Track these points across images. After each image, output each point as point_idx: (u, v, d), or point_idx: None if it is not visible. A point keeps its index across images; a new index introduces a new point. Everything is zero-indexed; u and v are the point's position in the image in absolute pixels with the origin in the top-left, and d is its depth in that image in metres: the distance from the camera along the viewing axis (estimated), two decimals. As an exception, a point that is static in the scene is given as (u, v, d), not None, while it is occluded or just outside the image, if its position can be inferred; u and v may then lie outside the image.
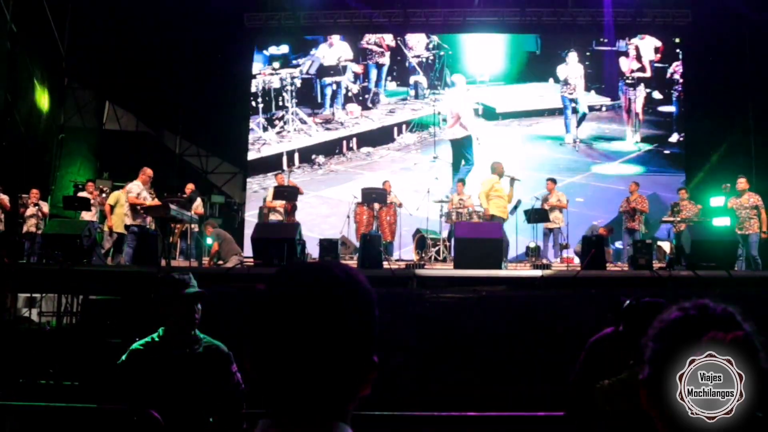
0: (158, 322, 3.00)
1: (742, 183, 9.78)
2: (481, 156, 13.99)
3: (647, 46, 14.55)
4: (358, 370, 0.95)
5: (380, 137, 14.93)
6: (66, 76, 13.29)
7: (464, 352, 5.83)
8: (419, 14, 14.67)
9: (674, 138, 14.28)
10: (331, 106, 15.14)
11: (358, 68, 15.15)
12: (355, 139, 14.98)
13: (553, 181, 11.50)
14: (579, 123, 14.45)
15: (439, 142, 14.55)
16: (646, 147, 14.27)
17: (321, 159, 14.80)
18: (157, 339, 3.00)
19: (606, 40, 14.63)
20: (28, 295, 8.27)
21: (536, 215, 10.15)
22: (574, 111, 14.48)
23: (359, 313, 0.96)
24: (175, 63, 14.38)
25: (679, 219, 10.32)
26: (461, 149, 14.42)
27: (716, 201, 11.00)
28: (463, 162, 14.35)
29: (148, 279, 6.28)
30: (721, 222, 9.93)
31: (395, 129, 14.95)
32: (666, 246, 11.36)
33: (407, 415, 3.79)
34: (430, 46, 15.04)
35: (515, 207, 10.40)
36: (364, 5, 14.52)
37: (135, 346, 3.00)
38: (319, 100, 15.21)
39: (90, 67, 13.74)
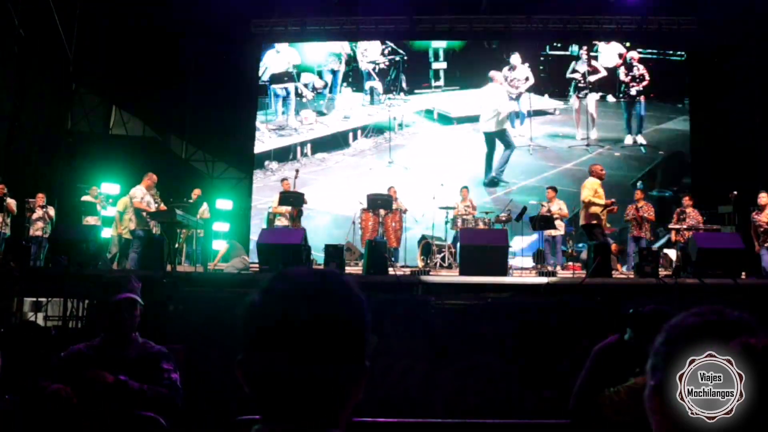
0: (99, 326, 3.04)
1: (764, 198, 9.33)
2: (437, 161, 14.18)
3: (611, 51, 14.70)
4: (350, 376, 0.95)
5: (335, 143, 14.97)
6: (73, 80, 13.34)
7: (469, 358, 5.82)
8: (426, 21, 14.72)
9: (629, 140, 14.41)
10: (284, 112, 15.20)
11: (320, 83, 15.22)
12: (309, 145, 15.03)
13: (554, 189, 11.38)
14: (522, 122, 14.59)
15: (394, 146, 14.62)
16: (599, 149, 14.35)
17: (274, 165, 14.79)
18: (97, 343, 3.04)
19: (559, 44, 14.75)
20: (34, 299, 8.29)
21: (542, 222, 10.13)
22: (517, 113, 14.60)
23: (351, 320, 0.96)
24: (182, 68, 14.45)
25: (685, 227, 10.26)
26: (502, 138, 14.46)
27: (725, 209, 10.93)
28: (503, 148, 14.38)
29: (154, 283, 6.29)
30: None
31: (351, 134, 15.00)
32: (672, 254, 11.31)
33: (412, 422, 3.78)
34: (386, 52, 15.14)
35: (521, 214, 10.39)
36: (372, 12, 14.57)
37: (79, 346, 3.04)
38: (272, 107, 15.29)
39: (97, 71, 13.81)
